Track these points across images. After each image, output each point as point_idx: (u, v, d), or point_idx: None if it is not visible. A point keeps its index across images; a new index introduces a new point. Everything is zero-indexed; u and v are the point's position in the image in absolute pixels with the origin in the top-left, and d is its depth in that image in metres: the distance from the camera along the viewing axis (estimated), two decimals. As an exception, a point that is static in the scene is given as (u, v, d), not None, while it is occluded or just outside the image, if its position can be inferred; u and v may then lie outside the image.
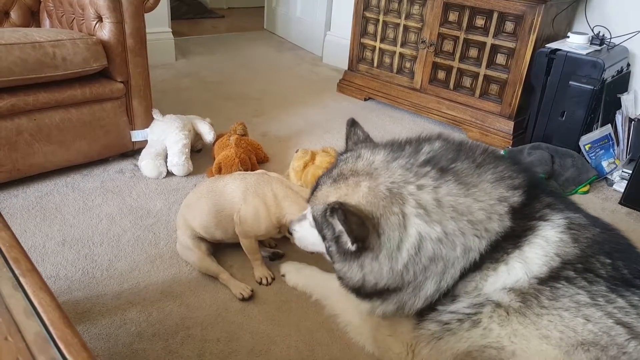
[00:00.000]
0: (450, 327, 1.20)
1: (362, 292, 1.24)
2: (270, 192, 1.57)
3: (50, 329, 0.70)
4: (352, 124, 1.36)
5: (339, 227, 1.15)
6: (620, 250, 1.18)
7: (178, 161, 2.16)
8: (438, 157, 1.19)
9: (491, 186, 1.17)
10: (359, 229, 1.11)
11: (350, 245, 1.15)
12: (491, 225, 1.15)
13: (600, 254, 1.15)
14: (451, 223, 1.13)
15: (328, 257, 1.30)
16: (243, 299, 1.52)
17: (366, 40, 3.25)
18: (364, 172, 1.20)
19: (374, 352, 1.37)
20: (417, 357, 1.27)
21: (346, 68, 3.45)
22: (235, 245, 1.65)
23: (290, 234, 1.45)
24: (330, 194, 1.21)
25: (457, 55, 2.79)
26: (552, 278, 1.13)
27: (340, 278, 1.27)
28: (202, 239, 1.65)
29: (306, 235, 1.36)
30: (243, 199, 1.57)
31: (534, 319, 1.11)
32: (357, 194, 1.16)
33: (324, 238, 1.24)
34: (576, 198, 2.25)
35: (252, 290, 1.55)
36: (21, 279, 0.79)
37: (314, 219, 1.25)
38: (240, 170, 2.03)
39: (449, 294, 1.20)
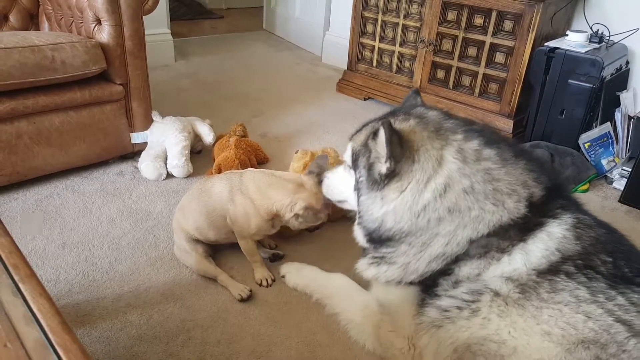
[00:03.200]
0: (450, 314, 1.22)
1: (375, 235, 1.30)
2: (254, 186, 1.56)
3: (50, 335, 0.70)
4: (416, 92, 1.48)
5: (375, 151, 1.24)
6: (622, 251, 1.19)
7: (178, 163, 2.16)
8: (486, 134, 1.28)
9: (521, 171, 1.24)
10: (397, 147, 1.20)
11: (382, 168, 1.23)
12: (509, 203, 1.21)
13: (602, 252, 1.17)
14: (480, 183, 1.20)
15: (353, 200, 1.38)
16: (242, 300, 1.52)
17: (365, 40, 3.25)
18: (415, 115, 1.31)
19: (375, 349, 1.37)
20: (418, 350, 1.28)
21: (345, 68, 3.45)
22: (235, 247, 1.66)
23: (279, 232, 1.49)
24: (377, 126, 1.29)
25: (456, 54, 2.79)
26: (551, 272, 1.15)
27: (360, 216, 1.33)
28: (198, 241, 1.65)
29: (336, 181, 1.46)
30: (230, 199, 1.57)
31: (533, 312, 1.12)
32: (404, 124, 1.27)
33: (356, 168, 1.31)
34: (576, 196, 2.24)
35: (250, 291, 1.55)
36: (20, 285, 0.79)
37: (353, 152, 1.34)
38: (239, 171, 2.03)
39: (451, 275, 1.23)
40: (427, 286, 1.28)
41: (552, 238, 1.18)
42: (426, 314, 1.26)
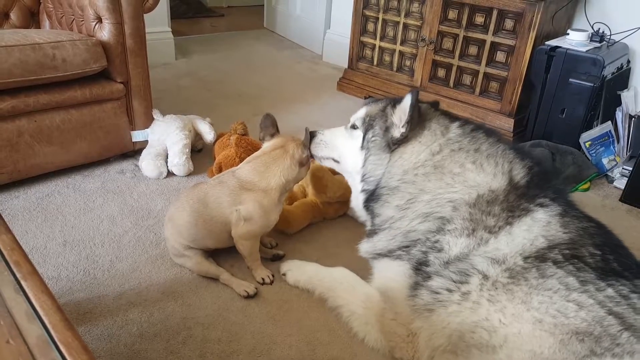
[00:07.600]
0: (441, 297, 1.24)
1: (371, 194, 1.49)
2: (255, 177, 1.56)
3: (52, 332, 0.70)
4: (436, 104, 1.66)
5: (391, 119, 1.47)
6: (610, 245, 1.20)
7: (179, 161, 2.16)
8: (480, 124, 1.52)
9: (503, 147, 1.42)
10: (416, 114, 1.43)
11: (396, 133, 1.45)
12: (487, 167, 1.36)
13: (591, 245, 1.19)
14: (465, 144, 1.42)
15: (350, 159, 1.56)
16: (248, 297, 1.52)
17: (366, 39, 3.25)
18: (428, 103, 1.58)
19: (377, 341, 1.37)
20: (416, 337, 1.30)
21: (346, 66, 3.45)
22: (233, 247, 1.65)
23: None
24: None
25: (457, 52, 2.79)
26: (538, 258, 1.17)
27: (364, 176, 1.51)
28: None
29: (335, 139, 1.63)
30: (235, 202, 1.54)
31: (523, 298, 1.13)
32: (422, 104, 1.52)
33: (370, 129, 1.50)
34: (577, 195, 2.25)
35: (256, 287, 1.55)
36: (22, 283, 0.79)
37: (368, 114, 1.54)
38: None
39: (441, 252, 1.28)
40: (419, 263, 1.31)
41: (535, 221, 1.23)
42: (419, 296, 1.29)
